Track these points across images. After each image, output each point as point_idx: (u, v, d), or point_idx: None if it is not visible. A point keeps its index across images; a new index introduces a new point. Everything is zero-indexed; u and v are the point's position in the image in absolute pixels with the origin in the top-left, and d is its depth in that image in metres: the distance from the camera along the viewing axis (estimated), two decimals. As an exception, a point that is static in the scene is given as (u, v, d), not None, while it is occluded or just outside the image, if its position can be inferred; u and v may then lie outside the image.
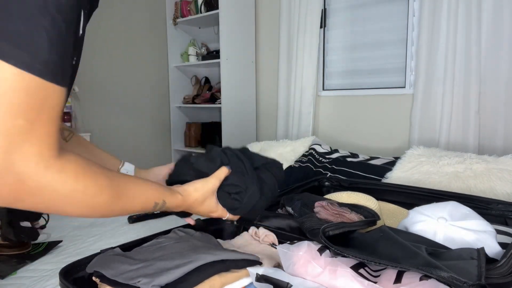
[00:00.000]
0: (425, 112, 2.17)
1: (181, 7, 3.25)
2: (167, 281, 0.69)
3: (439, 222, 0.87)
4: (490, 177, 1.54)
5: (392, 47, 2.40)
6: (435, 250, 0.74)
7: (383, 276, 0.65)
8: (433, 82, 2.12)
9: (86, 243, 1.39)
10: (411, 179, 1.69)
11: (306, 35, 2.65)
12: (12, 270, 1.16)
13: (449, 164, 1.67)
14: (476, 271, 0.62)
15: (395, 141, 2.39)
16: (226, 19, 2.85)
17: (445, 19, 2.05)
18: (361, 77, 2.57)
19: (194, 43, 3.37)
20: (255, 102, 3.11)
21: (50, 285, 1.07)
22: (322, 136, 2.71)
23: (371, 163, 1.93)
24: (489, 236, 0.82)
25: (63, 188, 0.47)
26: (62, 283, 0.77)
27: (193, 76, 3.54)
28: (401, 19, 2.35)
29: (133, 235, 1.43)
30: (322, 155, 2.13)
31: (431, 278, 0.61)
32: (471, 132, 2.01)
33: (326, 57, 2.73)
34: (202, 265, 0.73)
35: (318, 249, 0.73)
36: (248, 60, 3.03)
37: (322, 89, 2.75)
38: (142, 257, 0.80)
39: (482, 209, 1.09)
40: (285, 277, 0.70)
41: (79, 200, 0.49)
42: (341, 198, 1.16)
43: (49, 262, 1.23)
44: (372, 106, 2.49)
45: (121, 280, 0.71)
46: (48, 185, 0.45)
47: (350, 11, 2.58)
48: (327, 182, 1.56)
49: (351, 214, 0.98)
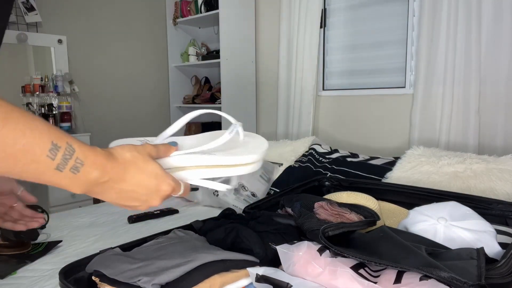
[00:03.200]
0: (425, 112, 2.17)
1: (181, 7, 3.25)
2: (167, 280, 0.69)
3: (439, 222, 0.87)
4: (490, 177, 1.54)
5: (392, 47, 2.40)
6: (435, 250, 0.74)
7: (383, 276, 0.65)
8: (433, 82, 2.12)
9: (86, 243, 1.39)
10: (411, 179, 1.69)
11: (306, 35, 2.65)
12: (12, 270, 1.16)
13: (449, 164, 1.67)
14: (476, 271, 0.62)
15: (395, 141, 2.39)
16: (226, 19, 2.85)
17: (445, 19, 2.05)
18: (361, 77, 2.57)
19: (194, 43, 3.37)
20: (255, 102, 3.11)
21: (49, 285, 1.07)
22: (322, 136, 2.71)
23: (371, 163, 1.93)
24: (489, 236, 0.82)
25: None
26: (62, 283, 0.77)
27: (193, 76, 3.54)
28: (401, 19, 2.35)
29: (133, 235, 1.43)
30: (322, 155, 2.13)
31: (431, 278, 0.61)
32: (471, 132, 2.01)
33: (326, 57, 2.73)
34: (202, 265, 0.73)
35: (318, 250, 0.73)
36: (248, 60, 3.03)
37: (322, 89, 2.75)
38: (142, 256, 0.80)
39: (482, 209, 1.09)
40: (285, 277, 0.70)
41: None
42: (341, 198, 1.16)
43: (49, 262, 1.23)
44: (372, 106, 2.48)
45: (121, 279, 0.71)
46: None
47: (350, 11, 2.58)
48: (327, 182, 1.56)
49: (351, 214, 0.98)
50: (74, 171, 0.44)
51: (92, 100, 3.03)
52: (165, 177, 0.53)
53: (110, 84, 3.13)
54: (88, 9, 2.93)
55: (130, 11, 3.19)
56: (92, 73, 3.02)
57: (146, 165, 0.52)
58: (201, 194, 1.87)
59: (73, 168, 0.44)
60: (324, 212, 0.99)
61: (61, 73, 2.79)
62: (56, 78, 2.76)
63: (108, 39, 3.08)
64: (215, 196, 1.80)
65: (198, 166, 0.59)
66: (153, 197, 0.53)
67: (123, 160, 0.50)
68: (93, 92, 3.03)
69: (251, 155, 0.62)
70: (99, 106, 3.07)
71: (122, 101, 3.20)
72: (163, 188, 0.53)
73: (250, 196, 1.84)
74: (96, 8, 2.97)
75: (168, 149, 0.57)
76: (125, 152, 0.51)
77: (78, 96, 2.94)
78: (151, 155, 0.53)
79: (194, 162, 0.59)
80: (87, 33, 2.96)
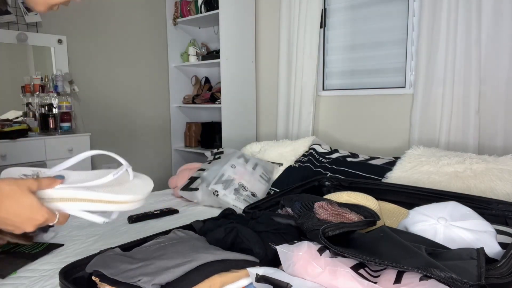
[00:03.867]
0: (425, 112, 2.17)
1: (181, 7, 3.25)
2: (167, 279, 0.69)
3: (439, 222, 0.86)
4: (490, 177, 1.54)
5: (392, 47, 2.40)
6: (435, 250, 0.74)
7: (383, 276, 0.65)
8: (433, 82, 2.12)
9: (86, 243, 1.39)
10: (411, 179, 1.69)
11: (306, 35, 2.65)
12: (12, 270, 1.16)
13: (449, 164, 1.67)
14: (476, 271, 0.62)
15: (395, 141, 2.39)
16: (226, 19, 2.85)
17: (445, 19, 2.05)
18: (361, 77, 2.57)
19: (194, 43, 3.37)
20: (255, 102, 3.11)
21: (49, 285, 1.07)
22: (322, 136, 2.71)
23: (371, 163, 1.93)
24: (489, 236, 0.82)
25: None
26: (62, 283, 0.77)
27: (193, 76, 3.54)
28: (401, 19, 2.35)
29: (133, 235, 1.43)
30: (322, 155, 2.13)
31: (431, 278, 0.61)
32: (471, 132, 2.01)
33: (326, 57, 2.73)
34: (202, 265, 0.73)
35: (318, 250, 0.73)
36: (248, 60, 3.03)
37: (322, 89, 2.75)
38: (142, 256, 0.80)
39: (482, 209, 1.09)
40: (285, 277, 0.70)
41: None
42: (341, 198, 1.16)
43: (49, 262, 1.23)
44: (372, 106, 2.49)
45: (121, 279, 0.71)
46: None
47: (350, 11, 2.58)
48: (327, 182, 1.56)
49: (351, 214, 0.98)
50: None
51: (92, 100, 3.03)
52: (39, 209, 0.62)
53: (110, 84, 3.13)
54: (88, 9, 2.93)
55: (130, 11, 3.19)
56: (92, 73, 3.02)
57: (22, 198, 0.60)
58: (201, 194, 1.87)
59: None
60: (324, 212, 0.99)
61: (61, 73, 2.79)
62: (56, 78, 2.76)
63: (108, 39, 3.08)
64: (215, 196, 1.80)
65: (77, 199, 0.67)
66: (26, 225, 0.62)
67: (0, 193, 0.59)
68: (93, 92, 3.03)
69: (129, 195, 0.70)
70: (99, 106, 3.07)
71: (122, 101, 3.20)
72: (36, 218, 0.62)
73: (250, 196, 1.84)
74: (96, 8, 2.97)
75: (52, 182, 0.66)
76: (5, 186, 0.59)
77: (78, 96, 2.94)
78: (31, 189, 0.61)
79: (74, 195, 0.67)
80: (87, 33, 2.96)
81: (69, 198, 0.67)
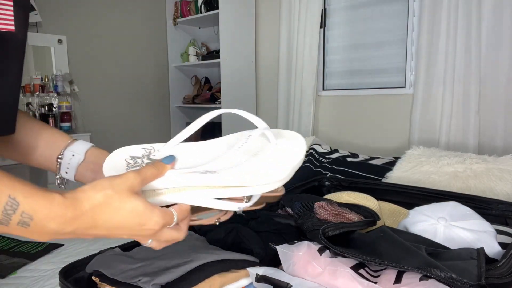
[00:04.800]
0: (425, 112, 2.17)
1: (181, 7, 3.25)
2: (167, 280, 0.69)
3: (439, 222, 0.86)
4: (490, 177, 1.54)
5: (392, 47, 2.40)
6: (435, 250, 0.74)
7: (383, 276, 0.65)
8: (433, 82, 2.12)
9: (86, 243, 1.39)
10: (411, 179, 1.69)
11: (306, 35, 2.65)
12: (12, 270, 1.16)
13: (449, 164, 1.67)
14: (476, 271, 0.62)
15: (395, 141, 2.39)
16: (226, 19, 2.85)
17: (445, 19, 2.05)
18: (361, 77, 2.57)
19: (194, 43, 3.37)
20: (255, 102, 3.11)
21: (49, 285, 1.07)
22: (322, 136, 2.71)
23: (371, 163, 1.93)
24: (489, 236, 0.82)
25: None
26: (62, 283, 0.77)
27: (193, 76, 3.54)
28: (401, 19, 2.35)
29: (133, 235, 1.42)
30: (322, 155, 2.13)
31: (431, 278, 0.61)
32: (471, 132, 2.01)
33: (326, 57, 2.73)
34: (202, 265, 0.73)
35: (318, 250, 0.73)
36: (248, 60, 3.03)
37: (322, 89, 2.75)
38: (142, 256, 0.80)
39: (482, 209, 1.09)
40: (285, 277, 0.70)
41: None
42: (341, 198, 1.16)
43: (49, 262, 1.23)
44: (372, 106, 2.48)
45: (121, 279, 0.71)
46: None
47: (350, 11, 2.58)
48: (327, 182, 1.56)
49: (351, 214, 0.98)
50: (24, 225, 0.39)
51: (92, 100, 3.03)
52: (150, 214, 0.45)
53: (110, 84, 3.13)
54: (88, 9, 2.93)
55: (130, 11, 3.19)
56: (92, 73, 3.02)
57: (124, 204, 0.44)
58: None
59: (20, 222, 0.39)
60: (324, 212, 0.99)
61: (61, 73, 2.79)
62: (56, 78, 2.76)
63: (108, 39, 3.08)
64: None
65: (198, 187, 0.49)
66: (140, 238, 0.48)
67: (90, 205, 0.43)
68: (93, 92, 3.03)
69: (269, 177, 0.50)
70: (99, 106, 3.07)
71: (122, 101, 3.20)
72: (149, 227, 0.46)
73: (250, 196, 1.83)
74: (96, 8, 2.97)
75: (160, 169, 0.50)
76: (96, 194, 0.43)
77: (78, 96, 2.94)
78: (133, 189, 0.45)
79: (194, 182, 0.48)
80: (87, 33, 2.96)
81: (187, 187, 0.48)
